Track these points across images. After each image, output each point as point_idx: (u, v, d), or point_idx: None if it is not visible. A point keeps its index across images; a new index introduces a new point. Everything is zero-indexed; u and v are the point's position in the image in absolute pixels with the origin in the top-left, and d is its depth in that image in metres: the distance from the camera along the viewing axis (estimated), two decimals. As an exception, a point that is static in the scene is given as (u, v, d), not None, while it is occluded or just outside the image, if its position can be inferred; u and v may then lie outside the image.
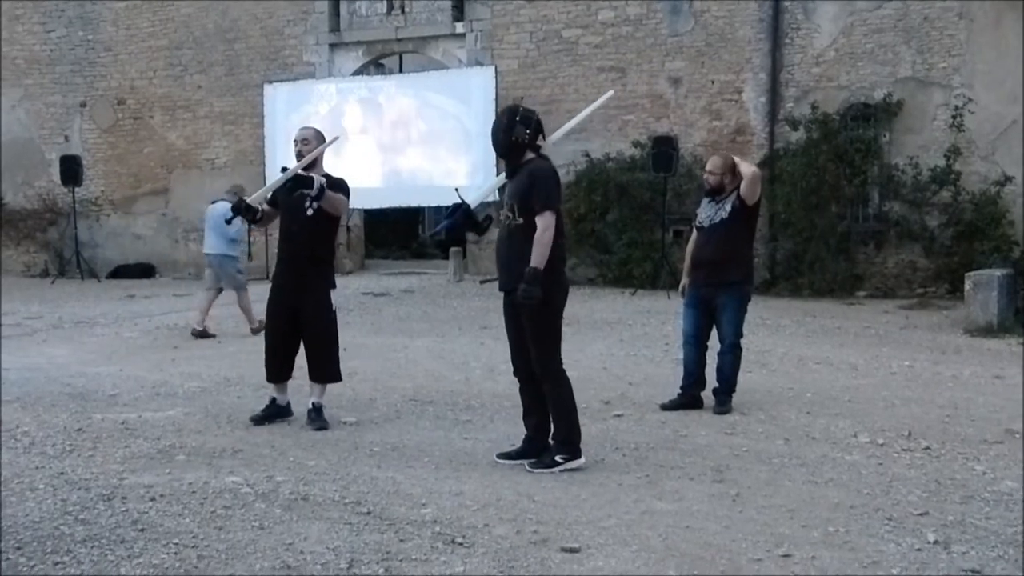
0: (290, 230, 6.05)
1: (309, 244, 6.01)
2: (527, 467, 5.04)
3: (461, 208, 5.13)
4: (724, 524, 4.20)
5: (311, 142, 6.08)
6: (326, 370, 6.10)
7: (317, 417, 6.03)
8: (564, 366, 5.14)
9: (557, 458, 5.01)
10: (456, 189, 5.48)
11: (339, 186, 6.04)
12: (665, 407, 6.59)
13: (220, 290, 10.66)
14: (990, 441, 5.70)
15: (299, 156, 6.03)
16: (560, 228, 4.96)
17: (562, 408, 5.08)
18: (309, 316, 6.02)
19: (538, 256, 4.83)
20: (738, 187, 6.48)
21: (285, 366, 6.18)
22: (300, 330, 6.08)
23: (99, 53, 19.46)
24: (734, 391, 6.65)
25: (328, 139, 6.20)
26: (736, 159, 6.67)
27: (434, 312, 12.41)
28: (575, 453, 5.06)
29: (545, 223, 4.85)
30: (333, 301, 6.12)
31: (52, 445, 5.51)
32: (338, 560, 3.76)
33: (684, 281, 6.85)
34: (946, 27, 14.09)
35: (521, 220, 4.93)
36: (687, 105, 15.71)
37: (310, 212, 5.94)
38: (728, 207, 6.47)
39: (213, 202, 10.81)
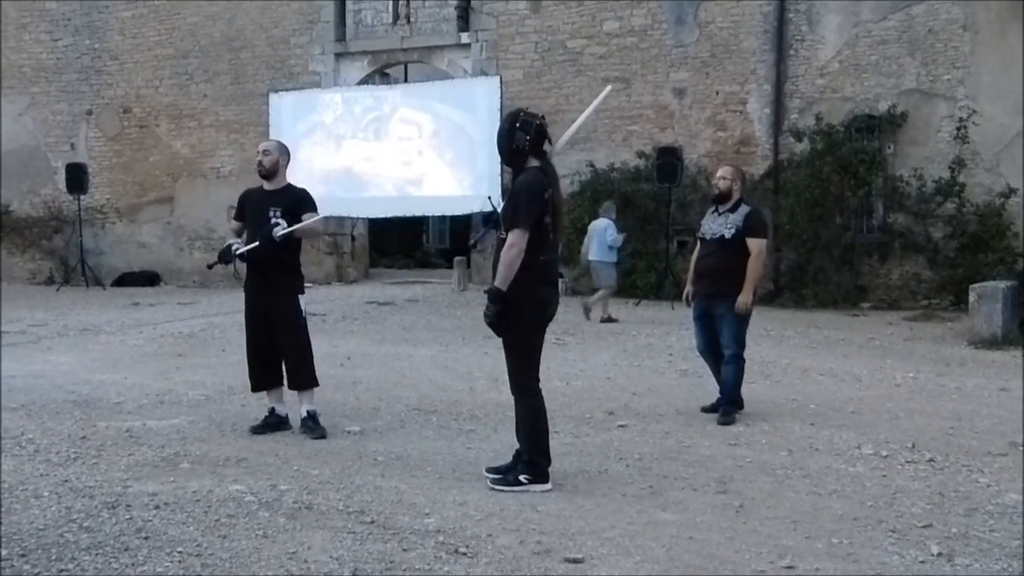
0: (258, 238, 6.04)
1: (276, 251, 5.99)
2: (489, 483, 4.90)
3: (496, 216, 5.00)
4: (728, 535, 4.20)
5: (272, 153, 6.13)
6: (300, 375, 6.10)
7: (315, 425, 6.02)
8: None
9: (521, 478, 4.83)
10: (489, 198, 5.38)
11: (306, 201, 6.09)
12: (706, 409, 6.74)
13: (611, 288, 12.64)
14: (994, 453, 5.69)
15: (259, 165, 6.12)
16: (544, 242, 4.75)
17: (527, 428, 4.91)
18: (279, 323, 6.04)
19: (500, 275, 4.67)
20: (742, 198, 6.70)
21: (267, 373, 6.17)
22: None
23: (105, 62, 19.56)
24: (738, 402, 6.67)
25: (291, 153, 6.30)
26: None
27: (438, 321, 12.42)
28: (540, 476, 4.84)
29: (511, 240, 4.64)
30: (303, 306, 6.13)
31: (56, 453, 5.53)
32: (341, 569, 3.76)
33: (688, 289, 6.96)
34: (950, 39, 14.12)
35: (504, 234, 4.75)
36: (691, 116, 15.74)
37: (274, 221, 5.97)
38: (733, 230, 6.55)
39: (597, 217, 12.90)
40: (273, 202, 6.05)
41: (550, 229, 4.82)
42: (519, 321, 4.80)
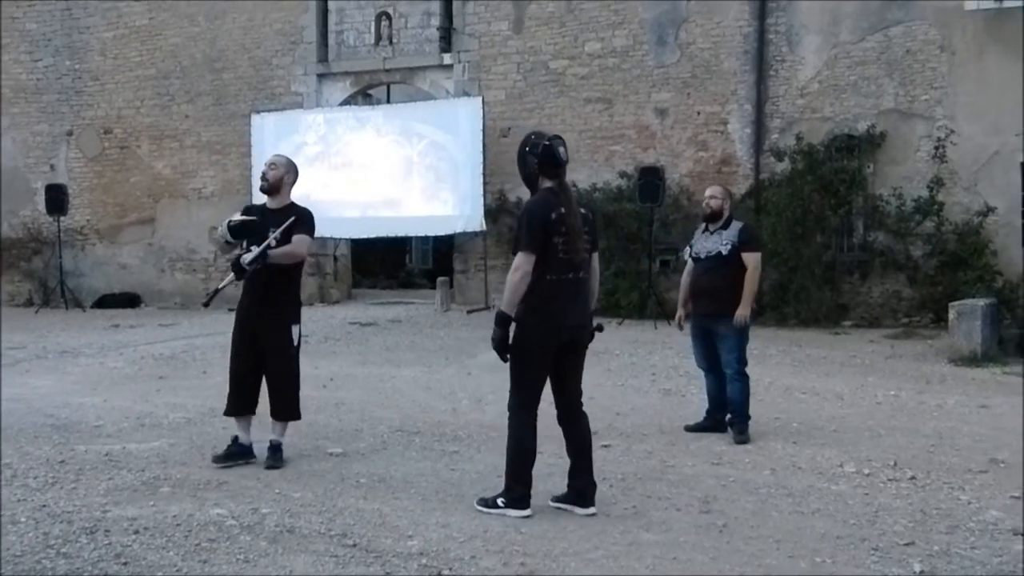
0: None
1: (271, 276, 5.79)
2: (475, 503, 4.90)
3: None
4: (711, 555, 4.19)
5: (278, 167, 5.96)
6: (287, 406, 5.91)
7: (272, 455, 5.81)
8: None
9: (499, 500, 4.80)
10: None
11: (299, 221, 5.83)
12: (690, 428, 6.79)
13: None
14: (975, 470, 5.71)
15: (263, 178, 5.94)
16: (551, 263, 4.71)
17: (509, 451, 4.89)
18: (270, 350, 5.87)
19: (504, 298, 4.73)
20: (732, 216, 6.86)
21: (247, 399, 5.97)
22: (263, 363, 5.93)
23: (86, 82, 19.50)
24: (750, 417, 6.71)
25: (299, 170, 6.13)
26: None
27: (421, 342, 12.39)
28: (514, 503, 4.76)
29: (515, 263, 4.70)
30: (295, 336, 5.94)
31: (34, 477, 5.47)
32: (323, 593, 3.73)
33: (680, 312, 7.08)
34: (928, 60, 14.27)
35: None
36: (673, 136, 15.82)
37: (273, 244, 5.79)
38: (729, 246, 6.67)
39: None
40: (274, 221, 5.82)
41: (560, 250, 4.75)
42: (519, 341, 4.80)
